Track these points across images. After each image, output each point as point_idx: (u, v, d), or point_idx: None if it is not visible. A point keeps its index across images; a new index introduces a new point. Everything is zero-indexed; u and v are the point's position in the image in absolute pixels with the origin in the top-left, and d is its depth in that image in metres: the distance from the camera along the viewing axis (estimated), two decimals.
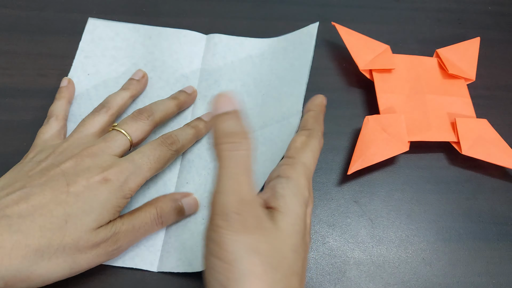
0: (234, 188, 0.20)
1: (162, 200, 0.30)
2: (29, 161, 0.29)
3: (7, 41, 0.39)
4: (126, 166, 0.28)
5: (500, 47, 0.44)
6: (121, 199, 0.27)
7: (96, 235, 0.26)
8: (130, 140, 0.30)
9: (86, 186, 0.26)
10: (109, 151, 0.28)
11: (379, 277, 0.32)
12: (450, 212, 0.35)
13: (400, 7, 0.46)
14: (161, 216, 0.29)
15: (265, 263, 0.19)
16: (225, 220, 0.20)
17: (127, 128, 0.30)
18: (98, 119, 0.31)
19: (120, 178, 0.27)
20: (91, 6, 0.42)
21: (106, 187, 0.27)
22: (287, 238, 0.21)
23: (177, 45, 0.39)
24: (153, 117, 0.31)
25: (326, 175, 0.36)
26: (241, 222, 0.20)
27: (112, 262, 0.30)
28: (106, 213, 0.26)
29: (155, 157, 0.29)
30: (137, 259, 0.30)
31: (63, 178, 0.26)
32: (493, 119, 0.38)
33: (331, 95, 0.39)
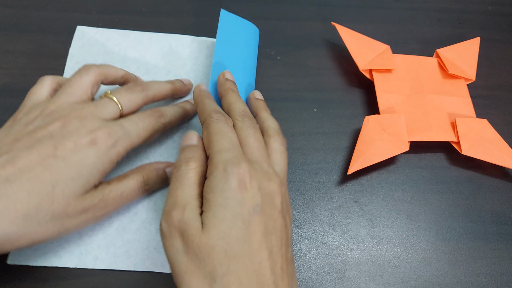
0: None
1: (148, 168, 0.31)
2: (16, 123, 0.28)
3: (7, 40, 0.39)
4: (114, 130, 0.27)
5: (500, 47, 0.44)
6: (108, 163, 0.27)
7: (84, 201, 0.26)
8: (121, 109, 0.29)
9: (73, 149, 0.26)
10: (99, 115, 0.28)
11: (379, 277, 0.32)
12: (450, 212, 0.35)
13: (400, 7, 0.46)
14: (147, 184, 0.31)
15: (194, 263, 0.23)
16: (161, 229, 0.25)
17: (119, 97, 0.30)
18: (84, 79, 0.30)
19: (108, 141, 0.27)
20: (91, 6, 0.42)
21: (94, 150, 0.26)
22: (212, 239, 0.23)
23: (168, 48, 0.40)
24: (146, 92, 0.31)
25: (326, 175, 0.36)
26: (172, 231, 0.24)
27: (123, 267, 0.30)
28: (93, 179, 0.27)
29: (144, 125, 0.29)
30: (148, 262, 0.30)
31: (50, 141, 0.26)
32: (493, 119, 0.38)
33: (331, 95, 0.39)
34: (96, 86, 0.31)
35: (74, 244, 0.30)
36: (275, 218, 0.24)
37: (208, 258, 0.22)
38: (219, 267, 0.22)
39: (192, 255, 0.23)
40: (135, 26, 0.41)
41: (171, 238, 0.24)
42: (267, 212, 0.24)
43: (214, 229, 0.23)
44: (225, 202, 0.23)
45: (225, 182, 0.24)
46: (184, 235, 0.23)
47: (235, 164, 0.24)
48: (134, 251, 0.31)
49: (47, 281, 0.29)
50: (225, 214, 0.23)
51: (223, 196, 0.24)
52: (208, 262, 0.22)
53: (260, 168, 0.25)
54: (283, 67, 0.40)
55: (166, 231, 0.24)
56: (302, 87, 0.40)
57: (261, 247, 0.23)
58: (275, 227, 0.24)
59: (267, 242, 0.24)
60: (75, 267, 0.30)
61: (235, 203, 0.23)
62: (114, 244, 0.31)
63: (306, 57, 0.41)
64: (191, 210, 0.24)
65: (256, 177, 0.25)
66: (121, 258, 0.30)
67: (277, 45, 0.41)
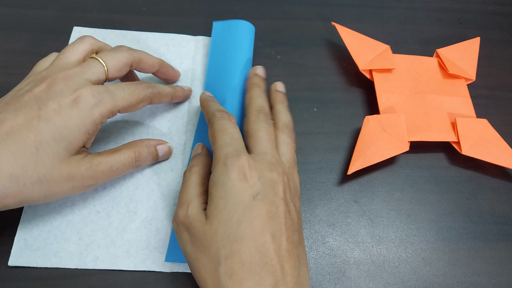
0: None
1: (140, 144, 0.32)
2: (12, 91, 0.29)
3: (7, 39, 0.39)
4: (98, 90, 0.28)
5: (500, 47, 0.44)
6: (90, 124, 0.27)
7: (69, 165, 0.27)
8: (106, 69, 0.30)
9: (57, 110, 0.26)
10: (84, 76, 0.28)
11: (379, 277, 0.32)
12: (450, 212, 0.35)
13: (400, 7, 0.46)
14: (138, 160, 0.31)
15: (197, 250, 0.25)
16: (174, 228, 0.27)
17: (103, 56, 0.30)
18: (78, 46, 0.30)
19: (91, 100, 0.27)
20: (91, 5, 0.42)
21: (77, 110, 0.27)
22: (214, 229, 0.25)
23: (165, 48, 0.40)
24: (132, 52, 0.31)
25: (326, 175, 0.36)
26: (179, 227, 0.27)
27: (124, 267, 0.30)
28: (76, 141, 0.27)
29: (129, 90, 0.30)
30: (149, 262, 0.30)
31: (35, 103, 0.26)
32: (493, 119, 0.38)
33: (331, 95, 0.39)
34: (89, 54, 0.31)
35: (74, 245, 0.30)
36: (277, 205, 0.25)
37: (212, 242, 0.24)
38: (222, 249, 0.24)
39: (198, 244, 0.25)
40: (135, 25, 0.41)
41: (180, 233, 0.26)
42: (269, 199, 0.25)
43: (216, 218, 0.24)
44: (225, 193, 0.25)
45: (225, 174, 0.25)
46: (189, 228, 0.25)
47: (234, 157, 0.26)
48: (134, 250, 0.31)
49: (47, 281, 0.29)
50: (226, 204, 0.25)
51: (224, 188, 0.25)
52: (212, 246, 0.24)
53: (262, 159, 0.27)
54: (283, 67, 0.40)
55: (176, 228, 0.27)
56: (302, 87, 0.40)
57: (264, 230, 0.24)
58: (278, 213, 0.25)
59: (270, 226, 0.25)
60: (76, 267, 0.30)
61: (235, 193, 0.25)
62: (114, 244, 0.31)
63: (306, 57, 0.41)
64: (194, 206, 0.26)
65: (256, 167, 0.26)
66: (122, 258, 0.30)
67: (277, 45, 0.41)
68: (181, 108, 0.37)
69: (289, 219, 0.26)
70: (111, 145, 0.34)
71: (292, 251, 0.25)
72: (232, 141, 0.27)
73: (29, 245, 0.30)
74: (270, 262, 0.24)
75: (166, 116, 0.36)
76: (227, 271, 0.23)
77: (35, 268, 0.30)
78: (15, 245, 0.30)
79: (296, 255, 0.25)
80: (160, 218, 0.32)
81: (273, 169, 0.27)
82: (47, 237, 0.30)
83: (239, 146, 0.27)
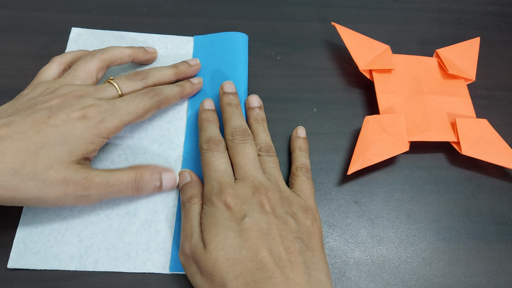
0: None
1: (144, 168, 0.31)
2: (22, 97, 0.30)
3: (7, 41, 0.39)
4: (105, 107, 0.29)
5: (500, 47, 0.44)
6: (95, 136, 0.29)
7: (67, 169, 0.27)
8: (120, 94, 0.32)
9: (65, 120, 0.28)
10: (95, 96, 0.30)
11: (379, 277, 0.32)
12: (450, 212, 0.35)
13: (400, 7, 0.46)
14: (138, 182, 0.30)
15: None
16: (181, 262, 0.28)
17: (119, 82, 0.32)
18: (90, 64, 0.32)
19: (97, 116, 0.29)
20: (91, 7, 0.42)
21: (83, 123, 0.28)
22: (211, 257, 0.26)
23: (163, 50, 0.40)
24: (146, 80, 0.33)
25: (326, 175, 0.36)
26: (187, 259, 0.28)
27: (124, 269, 0.30)
28: (78, 147, 0.28)
29: (135, 103, 0.31)
30: (149, 264, 0.30)
31: (46, 112, 0.28)
32: (493, 119, 0.39)
33: (331, 95, 0.39)
34: (102, 71, 0.33)
35: (74, 247, 0.30)
36: (267, 221, 0.27)
37: (215, 270, 0.25)
38: (226, 275, 0.25)
39: (204, 273, 0.26)
40: (135, 26, 0.41)
41: (188, 266, 0.27)
42: (256, 218, 0.27)
43: (212, 244, 0.26)
44: (216, 220, 0.27)
45: (213, 207, 0.28)
46: (195, 259, 0.26)
47: (217, 193, 0.28)
48: (134, 253, 0.31)
49: (47, 282, 0.29)
50: (217, 229, 0.26)
51: (214, 216, 0.27)
52: (216, 274, 0.25)
53: (244, 184, 0.29)
54: (283, 68, 0.40)
55: (183, 261, 0.28)
56: (302, 87, 0.40)
57: (259, 248, 0.26)
58: (269, 228, 0.27)
59: (264, 242, 0.26)
60: (76, 270, 0.30)
61: (224, 219, 0.27)
62: (114, 246, 0.31)
63: (306, 58, 0.41)
64: (197, 236, 0.27)
65: (239, 194, 0.28)
66: (122, 261, 0.30)
67: (277, 46, 0.41)
68: (180, 108, 0.37)
69: (285, 230, 0.27)
70: (107, 147, 0.34)
71: (295, 260, 0.26)
72: (216, 175, 0.29)
73: (29, 247, 0.30)
74: (273, 275, 0.24)
75: (165, 117, 0.36)
76: None
77: (36, 269, 0.30)
78: (14, 248, 0.30)
79: (301, 262, 0.26)
80: (160, 220, 0.32)
81: (257, 190, 0.28)
82: (47, 239, 0.30)
83: (223, 178, 0.29)
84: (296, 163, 0.34)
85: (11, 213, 0.31)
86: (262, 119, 0.34)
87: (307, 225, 0.28)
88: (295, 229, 0.27)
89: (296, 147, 0.35)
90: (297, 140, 0.35)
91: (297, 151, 0.35)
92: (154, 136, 0.35)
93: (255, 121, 0.34)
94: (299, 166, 0.33)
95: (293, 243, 0.26)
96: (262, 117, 0.35)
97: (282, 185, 0.31)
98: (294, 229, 0.27)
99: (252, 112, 0.35)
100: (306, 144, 0.35)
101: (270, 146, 0.33)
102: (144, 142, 0.35)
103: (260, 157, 0.32)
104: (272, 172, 0.31)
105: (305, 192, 0.31)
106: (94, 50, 0.34)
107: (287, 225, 0.27)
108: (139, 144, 0.35)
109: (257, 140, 0.33)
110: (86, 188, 0.28)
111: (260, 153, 0.32)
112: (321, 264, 0.27)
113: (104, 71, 0.34)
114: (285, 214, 0.28)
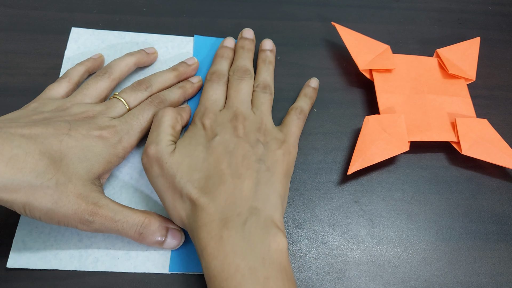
0: None
1: (155, 216, 0.29)
2: (32, 109, 0.30)
3: (8, 40, 0.39)
4: (121, 128, 0.30)
5: (500, 47, 0.44)
6: (113, 156, 0.30)
7: (83, 186, 0.27)
8: (128, 108, 0.33)
9: (85, 135, 0.28)
10: (108, 115, 0.31)
11: (379, 277, 0.32)
12: (450, 212, 0.35)
13: (400, 7, 0.46)
14: (144, 227, 0.28)
15: None
16: (143, 164, 0.30)
17: (126, 97, 0.33)
18: (100, 84, 0.33)
19: (115, 137, 0.30)
20: (92, 5, 0.42)
21: (102, 141, 0.29)
22: None
23: (164, 50, 0.40)
24: (151, 89, 0.34)
25: (326, 175, 0.36)
26: (150, 161, 0.30)
27: (124, 269, 0.30)
28: (97, 165, 0.28)
29: (144, 116, 0.32)
30: (149, 264, 0.30)
31: (66, 124, 0.28)
32: (493, 119, 0.39)
33: (331, 95, 0.39)
34: (111, 91, 0.34)
35: (74, 246, 0.30)
36: (236, 142, 0.30)
37: (177, 171, 0.28)
38: (186, 176, 0.28)
39: (166, 175, 0.28)
40: (136, 26, 0.41)
41: (151, 168, 0.29)
42: (226, 139, 0.30)
43: (181, 150, 0.29)
44: (191, 134, 0.31)
45: (193, 126, 0.32)
46: (159, 161, 0.29)
47: (201, 116, 0.32)
48: (134, 252, 0.31)
49: (47, 281, 0.29)
50: (190, 141, 0.30)
51: (191, 132, 0.31)
52: (177, 175, 0.28)
53: (227, 112, 0.32)
54: (283, 67, 0.40)
55: (146, 163, 0.30)
56: (302, 87, 0.40)
57: (219, 161, 0.29)
58: (236, 148, 0.29)
59: (226, 157, 0.29)
60: (76, 269, 0.30)
61: (199, 136, 0.31)
62: (114, 246, 0.31)
63: (306, 57, 0.41)
64: (164, 143, 0.29)
65: (218, 120, 0.32)
66: (122, 260, 0.30)
67: (277, 45, 0.41)
68: None
69: (251, 152, 0.30)
70: None
71: (249, 175, 0.28)
72: (206, 102, 0.33)
73: (28, 247, 0.30)
74: (224, 183, 0.27)
75: None
76: (190, 192, 0.27)
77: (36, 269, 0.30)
78: (13, 247, 0.30)
79: (255, 177, 0.28)
80: None
81: (234, 118, 0.32)
82: (46, 238, 0.30)
83: (210, 105, 0.33)
84: (294, 104, 0.36)
85: (10, 212, 0.31)
86: (269, 62, 0.37)
87: (276, 154, 0.30)
88: (261, 153, 0.30)
89: (302, 93, 0.37)
90: (306, 88, 0.38)
91: (301, 96, 0.37)
92: None
93: (262, 62, 0.37)
94: (295, 107, 0.35)
95: (254, 163, 0.29)
96: (270, 59, 0.37)
97: (266, 119, 0.33)
98: (260, 153, 0.30)
99: (262, 53, 0.38)
100: (313, 93, 0.37)
101: (267, 85, 0.35)
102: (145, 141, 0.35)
103: (255, 92, 0.35)
104: (260, 106, 0.34)
105: (289, 129, 0.33)
106: (104, 69, 0.34)
107: (254, 149, 0.30)
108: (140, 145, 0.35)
109: (257, 78, 0.36)
110: (93, 214, 0.26)
111: (255, 89, 0.35)
112: (276, 185, 0.29)
113: (112, 90, 0.35)
114: (257, 141, 0.31)
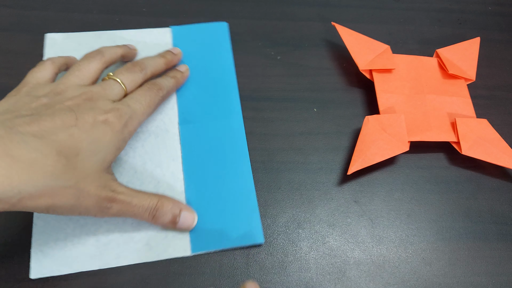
0: None
1: (167, 199, 0.31)
2: (25, 94, 0.28)
3: (8, 40, 0.39)
4: (124, 111, 0.29)
5: (500, 47, 0.44)
6: (121, 141, 0.29)
7: (100, 178, 0.27)
8: (125, 90, 0.32)
9: (93, 124, 0.27)
10: (107, 97, 0.30)
11: (379, 277, 0.32)
12: (450, 212, 0.35)
13: (400, 7, 0.46)
14: (157, 210, 0.29)
15: None
16: None
17: (122, 78, 0.32)
18: (93, 65, 0.32)
19: (120, 121, 0.29)
20: (91, 6, 0.42)
21: (110, 128, 0.28)
22: None
23: (142, 44, 0.39)
24: (145, 71, 0.34)
25: (326, 175, 0.36)
26: None
27: (147, 259, 0.30)
28: (109, 155, 0.28)
29: (146, 102, 0.32)
30: (170, 250, 0.31)
31: (71, 113, 0.27)
32: (493, 119, 0.39)
33: (331, 95, 0.39)
34: (101, 72, 0.33)
35: (93, 247, 0.30)
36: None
37: None
38: None
39: None
40: (135, 26, 0.41)
41: None
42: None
43: None
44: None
45: None
46: None
47: None
48: (154, 242, 0.31)
49: (47, 282, 0.29)
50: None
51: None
52: None
53: None
54: (283, 67, 0.40)
55: None
56: (302, 87, 0.40)
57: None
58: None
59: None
60: (99, 268, 0.30)
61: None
62: (133, 239, 0.31)
63: (306, 57, 0.41)
64: None
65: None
66: (143, 251, 0.30)
67: (277, 45, 0.41)
68: (169, 98, 0.37)
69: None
70: None
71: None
72: None
73: (48, 255, 0.30)
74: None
75: (157, 109, 0.36)
76: None
77: None
78: (33, 257, 0.29)
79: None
80: None
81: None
82: (64, 244, 0.30)
83: None
84: None
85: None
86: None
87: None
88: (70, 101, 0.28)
89: None
90: None
91: None
92: (150, 128, 0.35)
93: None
94: None
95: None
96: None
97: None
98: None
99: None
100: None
101: None
102: (141, 136, 0.35)
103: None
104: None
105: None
106: (95, 51, 0.33)
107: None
108: (137, 138, 0.35)
109: None
110: (112, 201, 0.27)
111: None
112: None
113: (102, 72, 0.33)
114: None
